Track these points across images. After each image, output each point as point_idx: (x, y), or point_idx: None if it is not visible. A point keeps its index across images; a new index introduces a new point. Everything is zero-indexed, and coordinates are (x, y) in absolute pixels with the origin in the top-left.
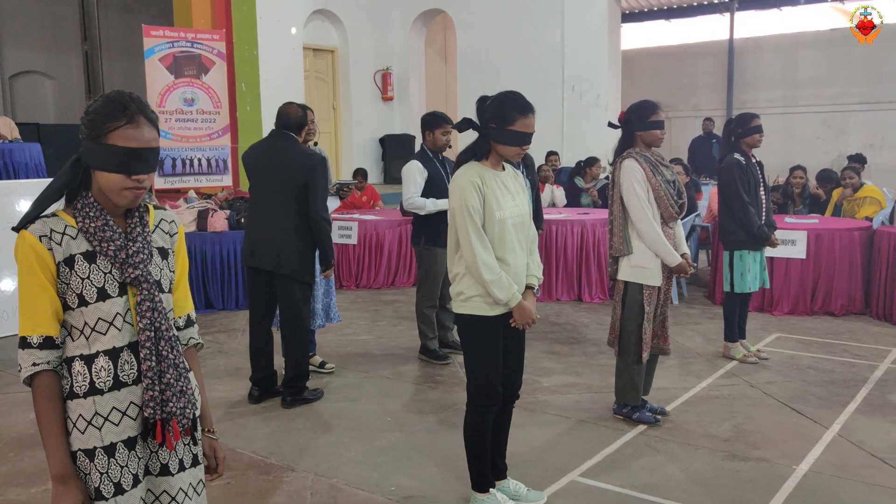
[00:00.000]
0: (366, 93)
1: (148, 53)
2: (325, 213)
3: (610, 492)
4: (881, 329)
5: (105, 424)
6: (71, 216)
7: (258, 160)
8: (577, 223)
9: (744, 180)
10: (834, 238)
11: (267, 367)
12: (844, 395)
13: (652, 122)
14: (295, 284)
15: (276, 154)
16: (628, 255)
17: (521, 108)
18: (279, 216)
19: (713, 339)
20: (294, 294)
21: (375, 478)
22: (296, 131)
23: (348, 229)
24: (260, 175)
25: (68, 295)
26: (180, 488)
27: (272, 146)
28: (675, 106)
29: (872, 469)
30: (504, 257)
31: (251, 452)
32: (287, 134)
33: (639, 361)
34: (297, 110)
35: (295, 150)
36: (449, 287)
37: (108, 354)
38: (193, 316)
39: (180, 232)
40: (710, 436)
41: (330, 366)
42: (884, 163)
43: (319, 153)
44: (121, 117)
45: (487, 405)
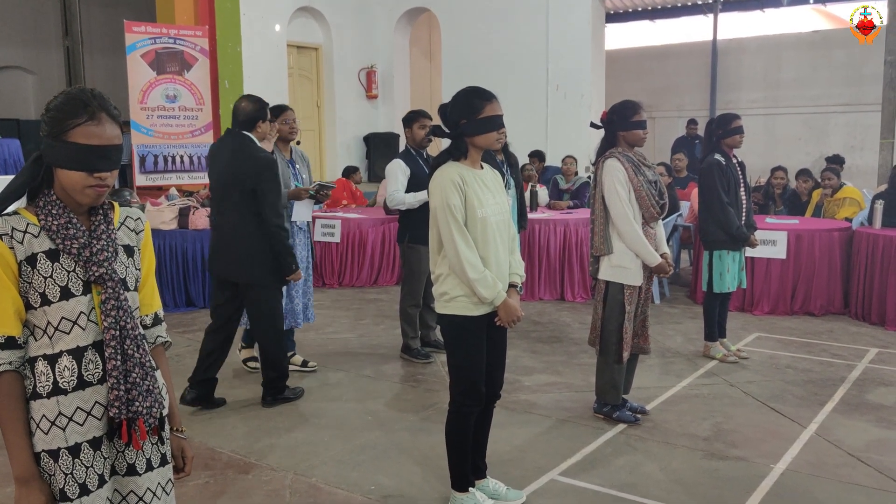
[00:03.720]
0: (350, 91)
1: (130, 49)
2: (277, 220)
3: (589, 491)
4: (859, 329)
5: (69, 425)
6: (33, 214)
7: (212, 161)
8: (560, 222)
9: (724, 181)
10: (814, 239)
11: (209, 370)
12: (822, 394)
13: (634, 122)
14: (258, 291)
15: (225, 156)
16: (609, 255)
17: (484, 95)
18: (233, 222)
19: (694, 339)
20: (259, 301)
21: (355, 477)
22: (248, 128)
23: (331, 227)
24: (213, 178)
25: (31, 294)
26: (148, 488)
27: (223, 146)
28: (658, 106)
29: (849, 468)
30: (487, 256)
31: (230, 451)
32: (237, 133)
33: (619, 360)
34: (246, 105)
35: (242, 151)
36: (432, 286)
37: (72, 354)
38: (161, 314)
39: (146, 229)
40: (690, 435)
41: (312, 364)
42: (864, 164)
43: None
44: (82, 114)
45: (471, 405)
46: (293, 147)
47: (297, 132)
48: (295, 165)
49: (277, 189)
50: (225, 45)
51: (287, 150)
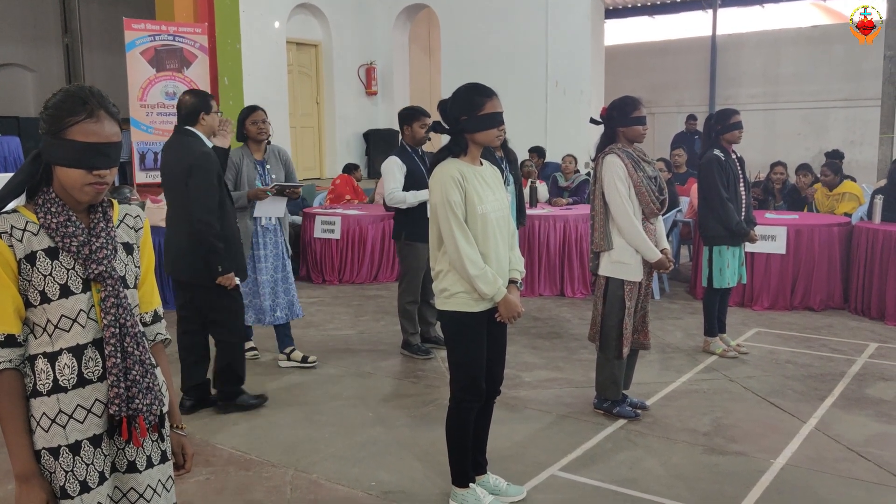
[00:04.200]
0: (349, 87)
1: (129, 47)
2: (203, 216)
3: (589, 486)
4: (859, 324)
5: (70, 422)
6: (32, 212)
7: (161, 159)
8: (559, 218)
9: (723, 176)
10: (813, 234)
11: (197, 375)
12: (822, 389)
13: (634, 117)
14: (206, 290)
15: (168, 152)
16: (609, 251)
17: (484, 92)
18: (176, 220)
19: (693, 334)
20: (209, 300)
21: (356, 473)
22: (191, 122)
23: (331, 224)
24: (161, 175)
25: (30, 292)
26: (148, 485)
27: (168, 144)
28: (657, 102)
29: (848, 462)
30: (487, 252)
31: (231, 448)
32: (181, 129)
33: (619, 356)
34: (188, 99)
35: (180, 147)
36: (431, 283)
37: (72, 351)
38: (160, 311)
39: (146, 227)
40: (690, 430)
41: (312, 359)
42: (864, 159)
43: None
44: (80, 111)
45: (471, 401)
46: (269, 146)
47: (266, 133)
48: (265, 165)
49: (207, 184)
50: (224, 42)
51: (259, 151)
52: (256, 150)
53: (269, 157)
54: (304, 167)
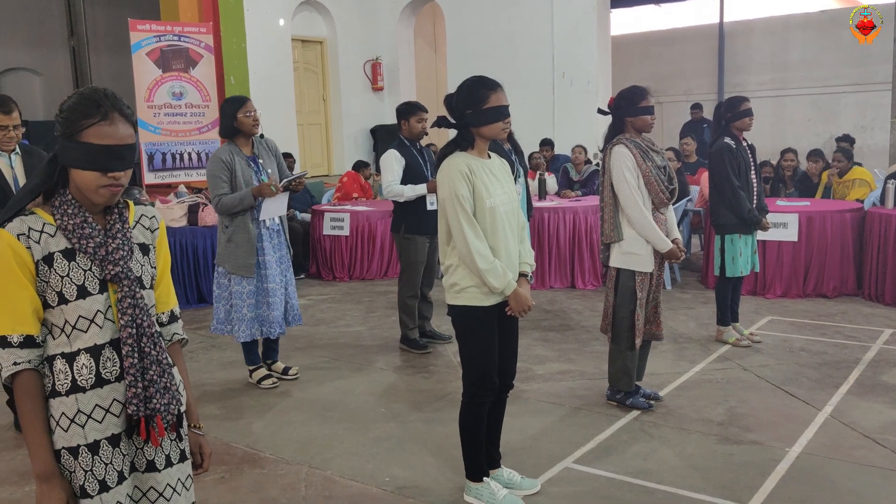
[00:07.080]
0: (356, 83)
1: (135, 48)
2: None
3: (604, 478)
4: (873, 310)
5: (88, 422)
6: (49, 214)
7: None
8: (569, 210)
9: (734, 164)
10: (825, 220)
11: None
12: (837, 376)
13: (642, 107)
14: None
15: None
16: (619, 242)
17: (489, 85)
18: None
19: (706, 324)
20: None
21: (370, 469)
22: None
23: (340, 221)
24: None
25: (48, 293)
26: (168, 484)
27: None
28: (665, 91)
29: (864, 450)
30: (497, 245)
31: (245, 446)
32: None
33: (632, 347)
34: None
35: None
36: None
37: (90, 352)
38: (177, 311)
39: (161, 227)
40: (704, 420)
41: (294, 371)
42: (875, 144)
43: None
44: (95, 114)
45: (484, 395)
46: (256, 140)
47: (259, 125)
48: (258, 161)
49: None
50: (230, 41)
51: (248, 145)
52: (245, 145)
53: (259, 150)
54: (311, 164)
